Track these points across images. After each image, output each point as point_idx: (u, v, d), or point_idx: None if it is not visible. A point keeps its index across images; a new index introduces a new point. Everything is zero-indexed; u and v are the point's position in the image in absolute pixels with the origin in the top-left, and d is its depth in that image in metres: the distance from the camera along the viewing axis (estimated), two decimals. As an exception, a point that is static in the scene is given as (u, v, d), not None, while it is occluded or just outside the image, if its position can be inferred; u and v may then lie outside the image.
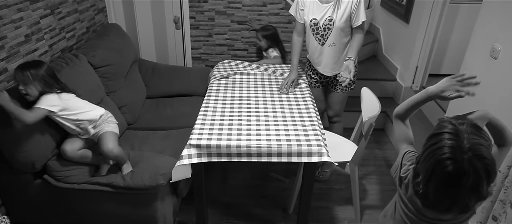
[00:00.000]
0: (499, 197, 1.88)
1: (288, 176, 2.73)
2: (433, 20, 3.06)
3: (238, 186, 2.65)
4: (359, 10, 2.16)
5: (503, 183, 1.86)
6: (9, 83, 1.97)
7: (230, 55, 3.52)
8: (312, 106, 2.15)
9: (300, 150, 1.76)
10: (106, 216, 2.00)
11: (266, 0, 3.19)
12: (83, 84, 2.21)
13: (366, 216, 2.40)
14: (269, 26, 3.06)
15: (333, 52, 2.29)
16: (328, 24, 2.19)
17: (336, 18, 2.16)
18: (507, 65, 1.93)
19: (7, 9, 1.92)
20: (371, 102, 2.18)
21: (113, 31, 2.82)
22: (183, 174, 1.86)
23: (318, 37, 2.28)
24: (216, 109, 2.08)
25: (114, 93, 2.56)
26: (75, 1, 2.57)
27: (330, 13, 2.17)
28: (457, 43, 3.33)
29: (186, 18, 3.26)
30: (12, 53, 1.98)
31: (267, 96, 2.26)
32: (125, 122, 2.56)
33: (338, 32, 2.20)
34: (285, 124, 1.94)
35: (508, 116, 1.91)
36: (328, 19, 2.18)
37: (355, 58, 2.26)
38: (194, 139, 1.79)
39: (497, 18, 2.02)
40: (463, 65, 2.34)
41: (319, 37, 2.27)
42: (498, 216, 1.90)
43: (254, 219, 2.36)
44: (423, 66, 3.26)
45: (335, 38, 2.23)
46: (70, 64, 2.20)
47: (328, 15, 2.17)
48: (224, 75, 2.52)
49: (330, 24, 2.18)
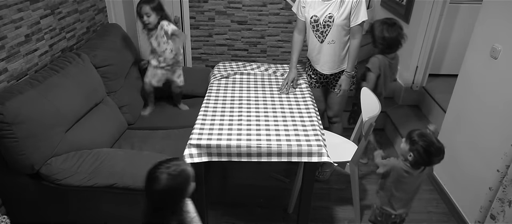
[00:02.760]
0: (498, 195, 1.88)
1: (288, 176, 2.73)
2: (433, 20, 3.06)
3: (238, 186, 2.65)
4: (359, 8, 2.15)
5: (502, 182, 1.86)
6: (9, 83, 1.97)
7: (230, 55, 3.52)
8: (312, 106, 2.15)
9: (300, 150, 1.76)
10: (105, 216, 2.00)
11: (266, 0, 3.20)
12: (85, 83, 2.21)
13: (366, 216, 2.40)
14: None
15: (332, 50, 2.29)
16: (328, 21, 2.19)
17: (336, 15, 2.16)
18: (507, 65, 1.93)
19: (7, 9, 1.92)
20: (371, 102, 2.18)
21: (113, 31, 2.82)
22: (183, 174, 1.87)
23: (318, 34, 2.28)
24: (216, 109, 2.08)
25: (115, 93, 2.56)
26: (75, 1, 2.58)
27: (330, 10, 2.17)
28: (457, 43, 3.34)
29: (186, 18, 3.26)
30: (12, 53, 1.99)
31: (267, 96, 2.26)
32: (125, 122, 2.56)
33: (337, 29, 2.21)
34: (285, 124, 1.94)
35: (508, 116, 1.91)
36: (328, 16, 2.18)
37: (351, 71, 2.31)
38: (194, 139, 1.79)
39: (497, 18, 2.02)
40: (463, 65, 2.34)
41: (319, 34, 2.28)
42: (496, 215, 1.90)
43: (254, 219, 2.36)
44: (423, 66, 3.26)
45: (334, 35, 2.23)
46: (74, 63, 2.21)
47: (328, 12, 2.18)
48: (224, 75, 2.52)
49: (330, 21, 2.19)
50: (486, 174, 2.03)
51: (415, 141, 1.62)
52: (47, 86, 1.96)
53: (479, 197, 2.07)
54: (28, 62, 2.12)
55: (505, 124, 1.93)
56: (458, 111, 2.38)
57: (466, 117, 2.26)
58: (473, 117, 2.21)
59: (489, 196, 1.97)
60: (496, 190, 1.91)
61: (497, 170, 1.89)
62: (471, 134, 2.21)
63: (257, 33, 3.44)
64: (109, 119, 2.38)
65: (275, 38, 3.48)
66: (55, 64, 2.20)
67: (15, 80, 2.02)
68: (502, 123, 1.96)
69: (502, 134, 1.94)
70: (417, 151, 1.62)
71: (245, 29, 3.34)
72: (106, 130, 2.29)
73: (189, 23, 3.29)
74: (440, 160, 1.64)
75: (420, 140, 1.62)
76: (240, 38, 3.42)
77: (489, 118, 2.07)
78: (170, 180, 1.26)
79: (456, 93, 2.42)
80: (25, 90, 1.84)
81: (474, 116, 2.20)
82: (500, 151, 1.90)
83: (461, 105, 2.35)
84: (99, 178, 1.89)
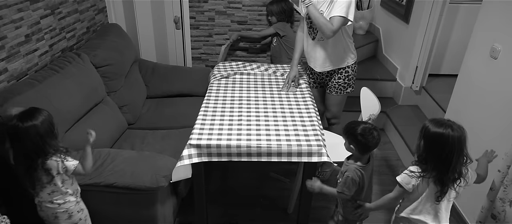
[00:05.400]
0: (499, 195, 1.88)
1: (288, 176, 2.73)
2: (433, 20, 3.06)
3: (238, 186, 2.65)
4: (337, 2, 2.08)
5: (503, 182, 1.86)
6: (9, 83, 1.97)
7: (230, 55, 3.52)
8: (312, 106, 2.15)
9: (300, 150, 1.76)
10: (106, 216, 1.99)
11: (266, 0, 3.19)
12: (85, 83, 2.21)
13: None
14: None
15: (322, 48, 2.30)
16: None
17: (326, 12, 2.16)
18: (507, 65, 1.93)
19: (7, 9, 1.92)
20: (371, 102, 2.18)
21: (114, 31, 2.82)
22: (184, 174, 1.87)
23: (311, 31, 2.31)
24: (216, 109, 2.08)
25: (115, 93, 2.56)
26: (75, 1, 2.58)
27: (322, 7, 2.18)
28: (457, 43, 3.33)
29: (186, 18, 3.26)
30: (12, 53, 1.99)
31: (267, 96, 2.26)
32: (126, 122, 2.56)
33: None
34: (285, 124, 1.94)
35: (508, 116, 1.91)
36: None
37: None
38: (194, 139, 1.79)
39: (497, 18, 2.02)
40: (463, 65, 2.34)
41: (311, 31, 2.31)
42: (497, 215, 1.90)
43: (254, 219, 2.36)
44: (423, 66, 3.26)
45: None
46: (73, 63, 2.21)
47: (320, 9, 2.18)
48: (224, 75, 2.52)
49: None
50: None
51: (349, 133, 1.65)
52: (47, 86, 1.97)
53: (480, 197, 2.07)
54: (28, 62, 2.12)
55: (505, 124, 1.93)
56: (458, 111, 2.37)
57: (466, 117, 2.26)
58: (473, 117, 2.21)
59: (490, 196, 1.97)
60: (497, 190, 1.91)
61: (498, 170, 1.89)
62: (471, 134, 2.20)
63: (257, 33, 3.44)
64: (109, 119, 2.38)
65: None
66: (55, 64, 2.20)
67: (15, 80, 2.02)
68: (502, 123, 1.96)
69: (502, 134, 1.94)
70: (354, 139, 1.62)
71: (245, 29, 3.34)
72: (106, 130, 2.29)
73: (189, 23, 3.29)
74: (375, 139, 1.62)
75: (350, 129, 1.64)
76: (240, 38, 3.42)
77: (489, 118, 2.07)
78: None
79: (456, 93, 2.41)
80: (24, 90, 1.85)
81: (474, 116, 2.19)
82: (500, 151, 1.90)
83: (461, 105, 2.35)
84: (99, 177, 1.88)
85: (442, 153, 1.42)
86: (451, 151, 1.41)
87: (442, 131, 1.42)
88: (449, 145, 1.41)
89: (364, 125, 1.64)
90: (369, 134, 1.61)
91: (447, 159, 1.42)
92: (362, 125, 1.64)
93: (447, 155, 1.42)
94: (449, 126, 1.43)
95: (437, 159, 1.44)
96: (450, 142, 1.41)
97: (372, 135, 1.61)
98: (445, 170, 1.44)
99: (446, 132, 1.42)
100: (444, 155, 1.42)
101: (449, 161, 1.42)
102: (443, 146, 1.42)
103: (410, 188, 1.52)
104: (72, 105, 2.07)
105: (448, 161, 1.42)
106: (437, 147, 1.44)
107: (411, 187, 1.52)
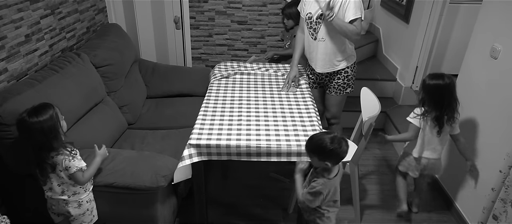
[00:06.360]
0: (500, 196, 1.88)
1: (288, 176, 2.72)
2: (433, 20, 3.06)
3: (238, 186, 2.65)
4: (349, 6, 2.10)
5: (504, 182, 1.86)
6: (9, 83, 1.97)
7: (230, 55, 3.53)
8: (312, 106, 2.15)
9: (299, 150, 1.76)
10: (106, 216, 1.99)
11: (266, 0, 3.20)
12: (85, 83, 2.21)
13: (366, 216, 2.40)
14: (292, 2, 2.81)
15: (323, 48, 2.30)
16: (319, 18, 2.22)
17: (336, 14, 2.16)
18: (507, 65, 1.93)
19: (7, 9, 1.92)
20: (371, 102, 2.18)
21: (114, 31, 2.82)
22: (185, 175, 1.87)
23: (311, 32, 2.31)
24: (216, 109, 2.08)
25: (115, 93, 2.56)
26: (75, 1, 2.58)
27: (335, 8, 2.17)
28: (457, 43, 3.33)
29: (186, 18, 3.26)
30: (12, 53, 1.99)
31: (267, 96, 2.26)
32: (126, 122, 2.56)
33: (327, 27, 2.22)
34: (285, 124, 1.94)
35: (508, 116, 1.91)
36: (319, 14, 2.21)
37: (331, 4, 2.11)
38: (194, 139, 1.79)
39: (497, 18, 2.02)
40: (463, 65, 2.34)
41: (312, 31, 2.31)
42: (499, 215, 1.90)
43: (254, 219, 2.36)
44: (423, 66, 3.26)
45: (324, 33, 2.25)
46: (73, 63, 2.21)
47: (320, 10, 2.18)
48: (224, 75, 2.52)
49: (321, 19, 2.22)
50: (488, 175, 2.03)
51: (318, 151, 1.53)
52: (47, 86, 1.96)
53: (482, 198, 2.07)
54: (28, 62, 2.12)
55: (506, 124, 1.93)
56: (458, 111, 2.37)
57: (466, 117, 2.26)
58: (473, 117, 2.20)
59: (491, 196, 1.97)
60: (498, 190, 1.91)
61: (500, 170, 1.89)
62: (472, 134, 2.21)
63: (257, 33, 3.44)
64: (109, 119, 2.38)
65: (275, 38, 3.48)
66: (55, 64, 2.20)
67: (15, 80, 2.02)
68: (503, 123, 1.95)
69: (503, 134, 1.94)
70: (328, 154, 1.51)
71: (245, 29, 3.35)
72: (106, 130, 2.29)
73: (189, 23, 3.29)
74: (338, 149, 1.50)
75: (318, 147, 1.53)
76: (240, 38, 3.42)
77: (490, 119, 2.06)
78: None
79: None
80: (24, 90, 1.84)
81: (475, 117, 2.19)
82: (502, 151, 1.90)
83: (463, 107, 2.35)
84: (99, 177, 1.88)
85: (437, 98, 1.93)
86: (443, 95, 1.91)
87: (436, 82, 1.92)
88: (441, 90, 1.91)
89: (328, 136, 1.52)
90: (338, 142, 1.50)
91: (441, 101, 1.93)
92: (325, 137, 1.52)
93: (440, 98, 1.92)
94: (441, 77, 1.92)
95: (434, 102, 1.94)
96: (442, 88, 1.91)
97: (340, 142, 1.50)
98: (440, 110, 1.94)
99: (439, 82, 1.91)
100: (438, 98, 1.92)
101: (442, 103, 1.92)
102: (438, 93, 1.92)
103: (419, 123, 2.02)
104: (72, 105, 2.06)
105: (442, 103, 1.93)
106: (433, 94, 1.94)
107: (418, 123, 2.03)
